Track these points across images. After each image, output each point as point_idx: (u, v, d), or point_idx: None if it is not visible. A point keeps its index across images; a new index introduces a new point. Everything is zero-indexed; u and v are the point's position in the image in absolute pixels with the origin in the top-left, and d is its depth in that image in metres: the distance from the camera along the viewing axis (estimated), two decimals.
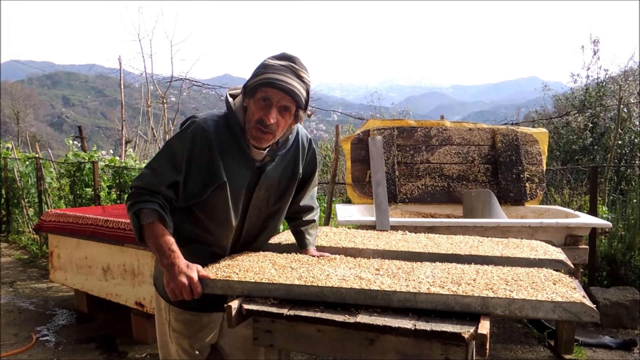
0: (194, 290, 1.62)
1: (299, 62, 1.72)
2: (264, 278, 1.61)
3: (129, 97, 12.38)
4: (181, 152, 1.71)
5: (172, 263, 1.64)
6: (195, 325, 1.89)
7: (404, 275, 1.64)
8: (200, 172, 1.73)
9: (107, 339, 3.99)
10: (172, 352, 1.93)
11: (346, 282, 1.56)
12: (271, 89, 1.66)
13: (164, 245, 1.66)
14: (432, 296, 1.45)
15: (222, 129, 1.75)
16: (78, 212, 4.40)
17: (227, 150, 1.75)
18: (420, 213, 4.13)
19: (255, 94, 1.69)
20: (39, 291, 5.35)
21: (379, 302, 1.49)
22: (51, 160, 8.31)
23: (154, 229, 1.68)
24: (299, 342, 1.58)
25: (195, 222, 1.80)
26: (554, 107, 13.07)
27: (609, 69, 11.55)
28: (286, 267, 1.74)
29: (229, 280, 1.62)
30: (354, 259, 1.89)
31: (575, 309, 1.39)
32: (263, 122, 1.68)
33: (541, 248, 2.02)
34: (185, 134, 1.73)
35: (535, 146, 4.32)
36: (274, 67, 1.68)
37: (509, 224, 3.40)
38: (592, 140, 9.87)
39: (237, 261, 1.79)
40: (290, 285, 1.57)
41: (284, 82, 1.66)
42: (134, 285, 3.78)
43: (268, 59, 1.73)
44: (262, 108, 1.68)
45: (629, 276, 4.58)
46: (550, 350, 3.74)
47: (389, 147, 4.23)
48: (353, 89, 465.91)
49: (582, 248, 3.42)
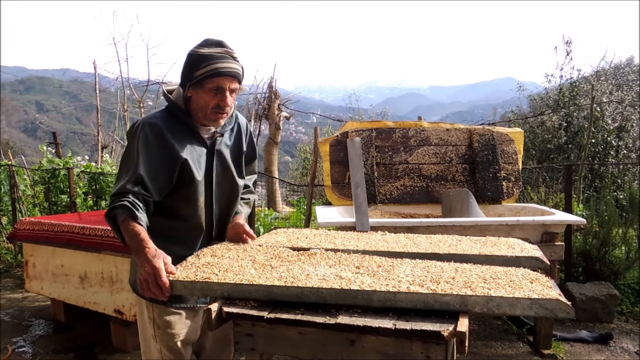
0: (158, 281, 1.58)
1: (228, 45, 1.87)
2: (244, 279, 1.60)
3: (105, 102, 12.21)
4: (137, 149, 1.79)
5: (141, 251, 1.65)
6: (180, 320, 1.93)
7: (384, 274, 1.64)
8: (162, 159, 1.81)
9: (85, 348, 3.91)
10: (155, 353, 1.93)
11: (326, 282, 1.56)
12: (221, 78, 1.81)
13: (134, 237, 1.68)
14: (411, 295, 1.46)
15: (168, 118, 1.89)
16: (53, 220, 4.31)
17: (179, 134, 1.87)
18: (399, 213, 4.16)
19: (204, 85, 1.82)
20: (14, 301, 5.22)
21: (359, 301, 1.50)
22: (25, 168, 8.14)
23: (125, 225, 1.71)
24: (280, 345, 1.57)
25: (170, 213, 1.88)
26: (529, 107, 13.31)
27: (581, 69, 11.82)
28: (266, 265, 1.74)
29: (209, 281, 1.60)
30: (334, 253, 1.89)
31: (552, 305, 1.41)
32: (220, 107, 1.85)
33: (518, 245, 2.05)
34: (135, 134, 1.83)
35: (511, 145, 4.39)
36: (213, 57, 1.81)
37: (486, 222, 3.44)
38: (566, 139, 10.07)
39: (217, 258, 1.79)
40: (271, 286, 1.56)
41: (229, 69, 1.83)
42: (113, 292, 3.72)
43: (198, 49, 1.84)
44: (215, 96, 1.84)
45: (604, 271, 4.68)
46: (529, 346, 3.80)
47: (368, 149, 4.25)
48: (332, 91, 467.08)
49: (558, 245, 3.49)
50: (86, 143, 23.78)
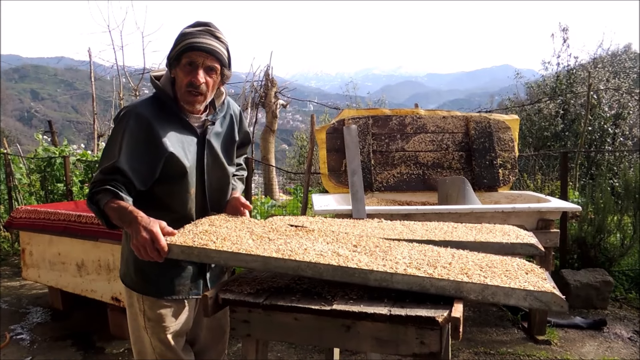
0: (156, 244, 1.58)
1: (214, 25, 1.80)
2: (242, 249, 1.59)
3: (101, 90, 12.13)
4: (120, 140, 1.73)
5: (133, 219, 1.62)
6: (171, 312, 1.89)
7: (381, 254, 1.65)
8: (146, 151, 1.75)
9: (83, 336, 3.93)
10: (146, 345, 1.91)
11: (323, 257, 1.56)
12: (194, 53, 1.75)
13: (123, 211, 1.65)
14: (408, 277, 1.47)
15: (155, 107, 1.82)
16: (50, 208, 4.31)
17: (166, 123, 1.80)
18: (396, 201, 4.17)
19: (180, 62, 1.77)
20: (11, 289, 5.23)
21: (356, 279, 1.50)
22: (20, 156, 8.11)
23: (112, 205, 1.67)
24: (276, 332, 1.59)
25: (158, 205, 1.82)
26: (526, 95, 13.28)
27: (578, 56, 11.77)
28: (264, 237, 1.73)
29: (207, 248, 1.59)
30: (332, 232, 1.89)
31: (546, 298, 1.42)
32: (193, 84, 1.77)
33: (513, 232, 2.06)
34: (120, 123, 1.77)
35: (508, 133, 4.39)
36: (191, 34, 1.76)
37: (482, 209, 3.45)
38: (563, 127, 10.07)
39: (215, 227, 1.77)
40: (268, 257, 1.55)
41: (204, 44, 1.75)
42: (110, 280, 3.73)
43: (184, 28, 1.80)
44: (189, 72, 1.77)
45: (598, 258, 4.71)
46: (524, 332, 3.83)
47: (364, 136, 4.25)
48: (329, 79, 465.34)
49: (553, 232, 3.50)
50: (82, 132, 23.67)
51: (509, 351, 3.50)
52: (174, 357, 1.90)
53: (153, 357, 1.90)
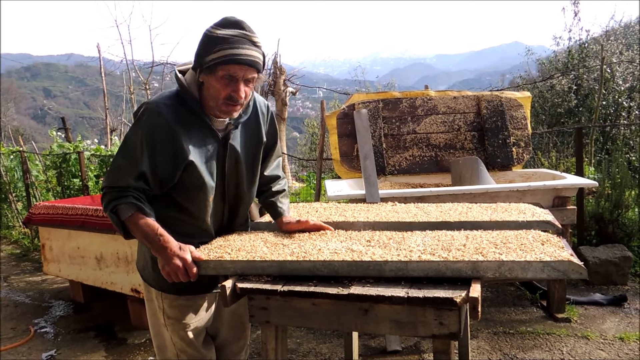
0: (189, 272, 1.64)
1: (248, 27, 1.65)
2: (256, 256, 1.62)
3: (111, 85, 12.21)
4: (140, 142, 1.66)
5: (163, 247, 1.64)
6: (191, 309, 1.88)
7: (395, 245, 1.65)
8: (166, 156, 1.69)
9: (105, 327, 4.01)
10: (167, 340, 1.91)
11: (338, 255, 1.57)
12: (234, 66, 1.61)
13: (150, 232, 1.65)
14: (423, 263, 1.47)
15: (178, 107, 1.71)
16: (67, 203, 4.36)
17: (188, 127, 1.71)
18: (409, 184, 4.15)
19: (217, 72, 1.62)
20: (33, 284, 5.34)
21: (371, 272, 1.51)
22: (36, 153, 8.22)
23: (136, 220, 1.66)
24: (294, 317, 1.60)
25: (175, 206, 1.79)
26: (538, 72, 13.07)
27: (590, 29, 11.56)
28: (278, 244, 1.75)
29: (222, 260, 1.62)
30: (345, 231, 1.90)
31: (564, 267, 1.41)
32: (233, 98, 1.66)
33: (529, 210, 2.04)
34: (140, 122, 1.68)
35: (520, 110, 4.33)
36: (228, 41, 1.60)
37: (497, 189, 3.43)
38: (576, 102, 9.91)
39: (229, 241, 1.80)
40: (283, 261, 1.58)
41: (245, 56, 1.61)
42: (129, 272, 3.78)
43: (214, 29, 1.62)
44: (228, 85, 1.64)
45: (617, 234, 4.66)
46: (543, 311, 3.82)
47: (375, 120, 4.22)
48: (337, 65, 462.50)
49: (570, 209, 3.47)
50: (95, 127, 23.92)
51: (529, 330, 3.50)
52: (194, 352, 1.90)
53: (174, 351, 1.90)
